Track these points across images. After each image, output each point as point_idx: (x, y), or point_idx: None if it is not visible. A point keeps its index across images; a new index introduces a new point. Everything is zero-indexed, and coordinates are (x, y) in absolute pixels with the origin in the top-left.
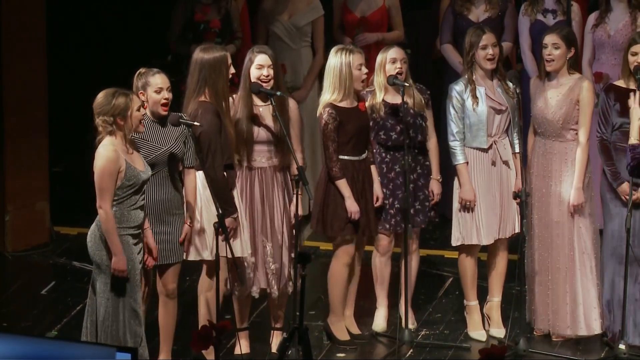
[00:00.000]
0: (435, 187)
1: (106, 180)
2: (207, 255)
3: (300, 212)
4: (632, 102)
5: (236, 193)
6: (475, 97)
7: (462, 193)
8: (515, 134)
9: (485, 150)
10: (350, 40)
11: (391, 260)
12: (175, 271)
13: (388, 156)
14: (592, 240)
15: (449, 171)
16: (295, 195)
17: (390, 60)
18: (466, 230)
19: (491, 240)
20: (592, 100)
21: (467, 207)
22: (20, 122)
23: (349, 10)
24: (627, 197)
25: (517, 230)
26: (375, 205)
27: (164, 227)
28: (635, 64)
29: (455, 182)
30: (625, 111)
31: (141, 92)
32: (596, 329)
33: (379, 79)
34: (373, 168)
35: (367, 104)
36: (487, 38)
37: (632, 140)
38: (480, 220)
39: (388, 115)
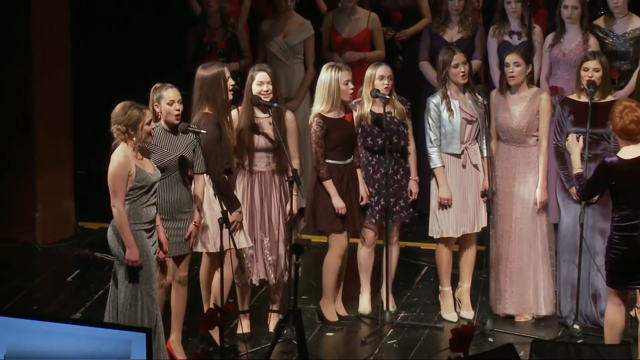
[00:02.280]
0: (413, 186)
1: (117, 182)
2: (210, 248)
3: (294, 210)
4: (572, 139)
5: (237, 193)
6: (450, 110)
7: (440, 192)
8: (484, 140)
9: (458, 156)
10: (339, 56)
11: (374, 251)
12: (187, 261)
13: (374, 159)
14: (549, 233)
15: (426, 172)
16: (291, 195)
17: (379, 77)
18: (444, 224)
19: (462, 233)
20: (550, 110)
21: (444, 204)
22: (48, 131)
23: (336, 32)
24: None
25: (484, 225)
26: (361, 204)
27: (176, 224)
28: (587, 78)
29: (433, 182)
30: (577, 121)
31: (156, 105)
32: (553, 309)
33: (367, 92)
34: (359, 171)
35: (356, 113)
36: (458, 57)
37: (576, 170)
38: (454, 216)
39: (374, 124)
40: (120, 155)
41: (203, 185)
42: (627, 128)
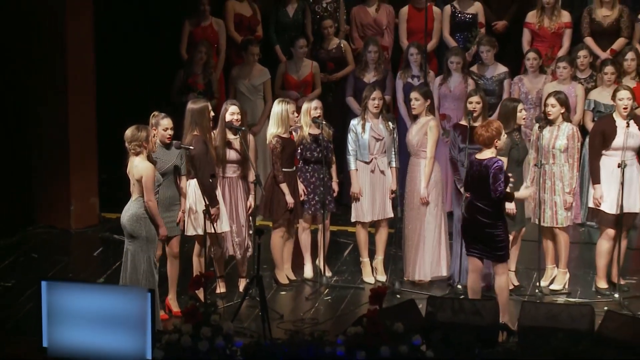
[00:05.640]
0: (335, 186)
1: (152, 182)
2: (200, 232)
3: (252, 204)
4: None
5: (218, 193)
6: (363, 129)
7: (352, 188)
8: (393, 155)
9: (367, 163)
10: (297, 94)
11: (311, 233)
12: (178, 240)
13: (310, 168)
14: (443, 219)
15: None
16: (251, 194)
17: (314, 108)
18: (360, 212)
19: (371, 219)
20: (435, 133)
21: (355, 197)
22: (80, 146)
23: (290, 76)
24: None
25: (389, 215)
26: (301, 199)
27: (170, 213)
28: (471, 109)
29: None
30: (464, 140)
31: (154, 128)
32: (444, 274)
33: (306, 119)
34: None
35: (296, 135)
36: (377, 93)
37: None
38: (366, 207)
39: (312, 142)
40: (149, 164)
41: (186, 184)
42: (491, 136)
